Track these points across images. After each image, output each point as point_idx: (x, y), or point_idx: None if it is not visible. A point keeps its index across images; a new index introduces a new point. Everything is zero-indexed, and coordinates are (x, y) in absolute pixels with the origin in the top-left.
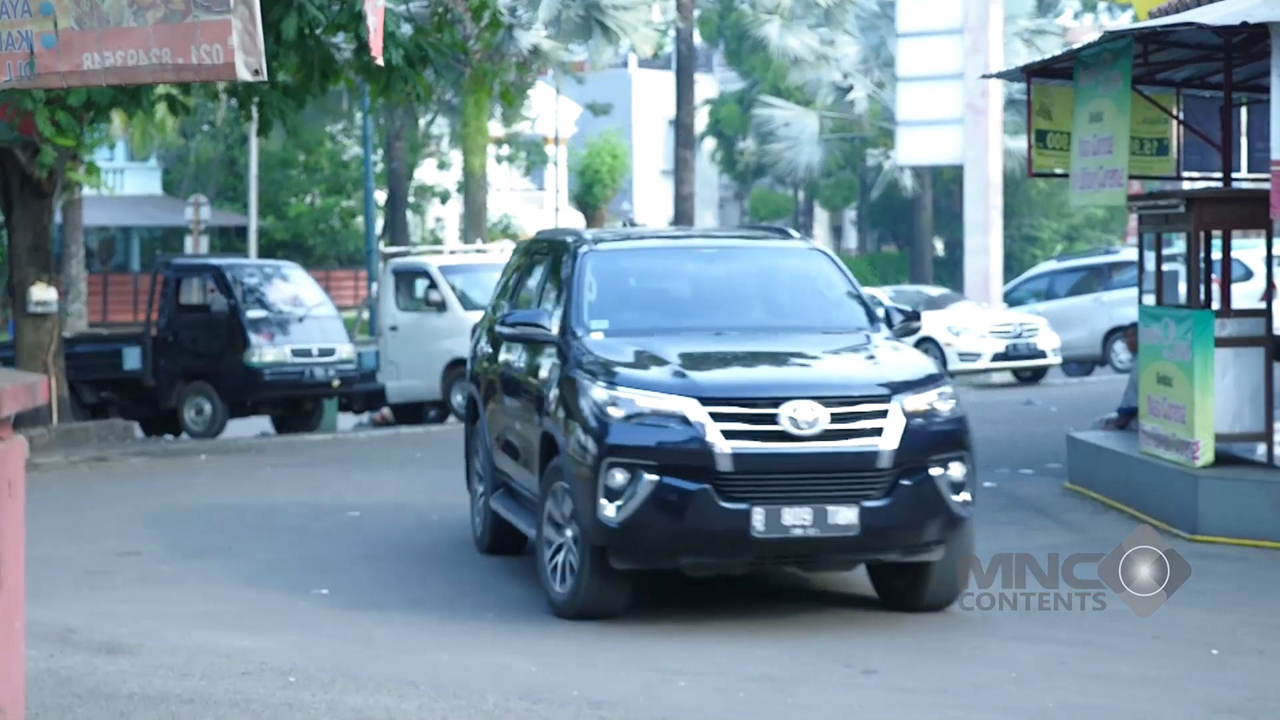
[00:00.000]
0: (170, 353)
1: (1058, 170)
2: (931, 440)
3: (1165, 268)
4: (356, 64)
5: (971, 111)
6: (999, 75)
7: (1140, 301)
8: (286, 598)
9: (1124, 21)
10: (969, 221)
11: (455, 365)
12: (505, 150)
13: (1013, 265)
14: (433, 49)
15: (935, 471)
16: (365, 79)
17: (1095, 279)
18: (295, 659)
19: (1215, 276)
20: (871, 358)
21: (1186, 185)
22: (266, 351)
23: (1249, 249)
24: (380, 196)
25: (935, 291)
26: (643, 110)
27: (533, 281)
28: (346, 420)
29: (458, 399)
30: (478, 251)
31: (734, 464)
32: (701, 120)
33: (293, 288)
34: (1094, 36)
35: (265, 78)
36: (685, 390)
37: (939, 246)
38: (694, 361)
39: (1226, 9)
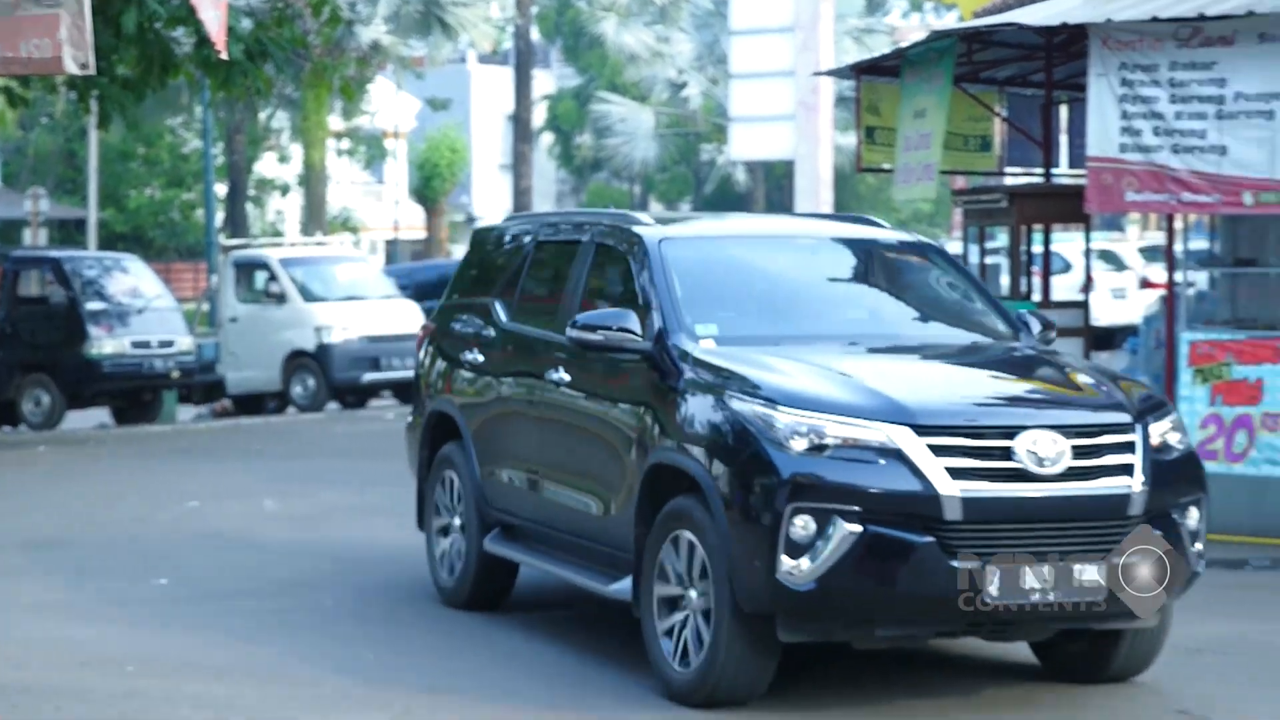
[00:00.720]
0: (8, 344)
1: (885, 165)
2: (1175, 479)
3: (988, 260)
4: (196, 58)
5: (803, 108)
6: (829, 73)
7: None
8: (125, 588)
9: (950, 21)
10: None
11: (295, 356)
12: (345, 144)
13: None
14: (272, 43)
15: (1177, 517)
16: (205, 73)
17: None
18: (134, 649)
19: (1036, 269)
20: (1081, 375)
21: (1009, 181)
22: (105, 343)
23: (1068, 242)
24: (220, 189)
25: None
26: (481, 105)
27: (553, 275)
28: (186, 411)
29: (297, 390)
30: (318, 244)
31: (964, 511)
32: (539, 115)
33: (132, 280)
34: (921, 36)
35: (93, 71)
36: (892, 414)
37: None
38: (880, 377)
39: (1048, 10)
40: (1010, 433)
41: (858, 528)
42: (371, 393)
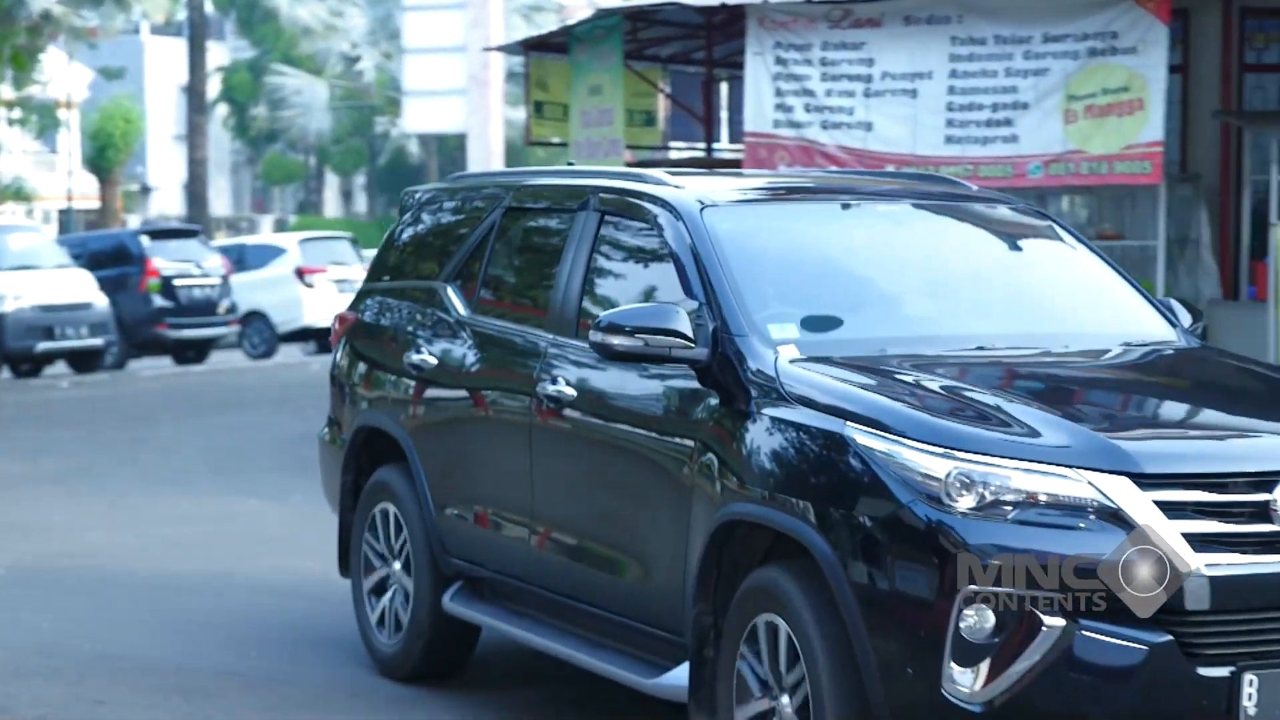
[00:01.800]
0: None
1: (555, 139)
2: None
3: None
4: None
5: (474, 83)
6: (500, 49)
7: None
8: None
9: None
10: None
11: None
12: (16, 114)
13: None
14: None
15: None
16: None
17: None
18: None
19: None
20: None
21: (673, 154)
22: None
23: None
24: None
25: None
26: (156, 76)
27: (535, 256)
28: None
29: None
30: None
31: (1213, 596)
32: (214, 87)
33: None
34: (588, 14)
35: None
36: (1100, 458)
37: None
38: (1058, 401)
39: None
40: (1267, 482)
41: (1060, 622)
42: (46, 362)
